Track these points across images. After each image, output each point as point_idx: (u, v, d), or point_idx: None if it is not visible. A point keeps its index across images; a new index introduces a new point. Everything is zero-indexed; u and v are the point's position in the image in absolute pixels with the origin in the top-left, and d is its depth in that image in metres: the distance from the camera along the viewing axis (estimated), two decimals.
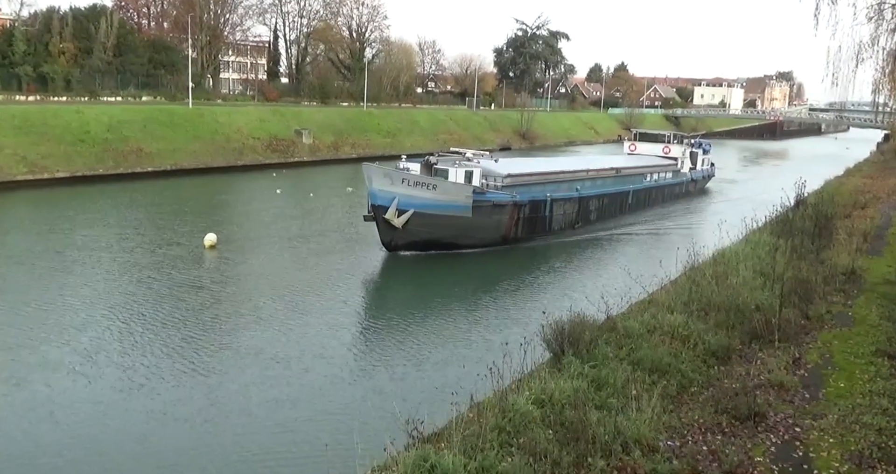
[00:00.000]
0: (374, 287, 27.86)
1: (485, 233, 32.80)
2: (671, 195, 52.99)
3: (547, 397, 11.74)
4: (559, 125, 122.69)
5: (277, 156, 67.10)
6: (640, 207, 47.32)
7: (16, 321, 21.34)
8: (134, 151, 56.33)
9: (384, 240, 30.81)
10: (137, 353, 19.12)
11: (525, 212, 34.91)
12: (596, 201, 41.55)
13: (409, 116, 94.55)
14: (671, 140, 56.80)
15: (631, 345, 14.48)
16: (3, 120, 50.87)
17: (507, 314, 23.97)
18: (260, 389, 17.26)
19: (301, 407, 16.38)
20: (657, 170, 51.11)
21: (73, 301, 23.50)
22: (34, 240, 32.78)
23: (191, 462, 13.91)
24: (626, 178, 46.03)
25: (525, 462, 9.77)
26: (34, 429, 14.97)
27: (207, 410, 16.02)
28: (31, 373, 17.61)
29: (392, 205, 29.65)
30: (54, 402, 16.17)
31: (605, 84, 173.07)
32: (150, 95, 76.42)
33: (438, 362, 19.27)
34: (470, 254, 32.36)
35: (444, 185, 30.89)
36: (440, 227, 30.90)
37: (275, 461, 13.80)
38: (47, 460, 13.85)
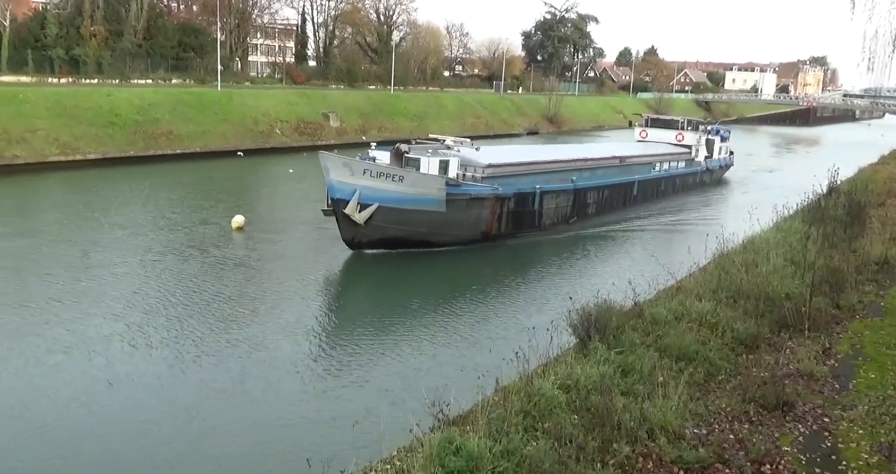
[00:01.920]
0: (404, 270, 27.84)
1: (462, 229, 29.61)
2: (683, 186, 49.45)
3: (573, 382, 11.76)
4: (587, 109, 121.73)
5: (305, 138, 67.34)
6: (648, 200, 43.79)
7: (65, 296, 21.87)
8: (164, 133, 56.85)
9: (346, 238, 27.82)
10: (179, 328, 19.69)
11: (510, 205, 31.46)
12: (595, 193, 38.01)
13: (436, 100, 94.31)
14: (685, 126, 52.89)
15: (658, 331, 14.43)
16: (37, 102, 51.59)
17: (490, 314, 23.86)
18: (287, 365, 17.54)
19: (330, 385, 16.57)
20: (668, 159, 47.44)
21: (112, 279, 23.94)
22: (70, 219, 33.36)
23: (231, 432, 14.25)
24: (630, 168, 42.27)
25: (550, 446, 9.81)
26: (94, 398, 15.52)
27: (244, 384, 16.42)
28: (87, 345, 18.22)
29: (353, 198, 26.64)
30: (112, 371, 16.81)
31: (635, 68, 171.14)
32: (179, 78, 77.00)
33: (464, 346, 19.34)
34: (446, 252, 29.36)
35: (412, 177, 27.66)
36: (409, 223, 27.91)
37: (304, 437, 13.98)
38: (109, 427, 14.41)
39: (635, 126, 57.01)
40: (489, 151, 34.62)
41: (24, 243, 28.25)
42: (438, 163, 29.14)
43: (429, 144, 32.07)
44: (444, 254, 29.02)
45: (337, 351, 18.77)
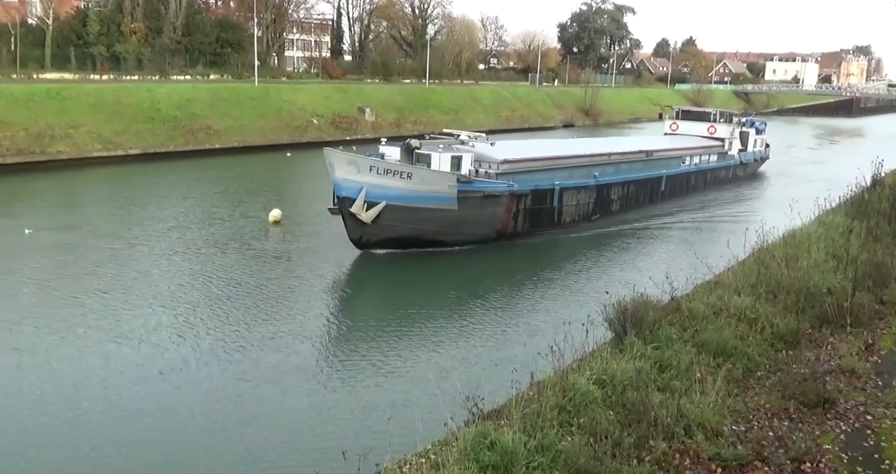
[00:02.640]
0: (433, 266, 27.90)
1: (475, 228, 28.59)
2: (715, 180, 47.69)
3: (608, 377, 11.68)
4: (624, 101, 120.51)
5: (341, 133, 67.71)
6: (676, 195, 42.15)
7: (113, 288, 22.48)
8: (202, 129, 57.61)
9: (352, 237, 26.90)
10: (222, 319, 20.23)
11: (526, 203, 30.39)
12: (619, 189, 36.53)
13: (471, 93, 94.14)
14: (717, 118, 51.13)
15: (696, 326, 14.26)
16: (79, 98, 52.63)
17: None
18: (325, 358, 17.83)
19: (366, 378, 16.72)
20: (698, 153, 45.54)
21: (157, 271, 24.52)
22: (114, 213, 34.21)
23: (271, 422, 14.55)
24: (658, 163, 40.38)
25: (585, 441, 9.76)
26: (145, 386, 16.05)
27: (284, 375, 16.75)
28: (137, 335, 18.80)
29: (359, 196, 25.76)
30: (160, 360, 17.37)
31: (672, 59, 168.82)
32: (217, 74, 77.92)
33: (497, 341, 19.34)
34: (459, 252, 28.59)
35: (421, 174, 26.70)
36: (419, 222, 26.93)
37: (340, 430, 14.14)
38: (158, 414, 14.90)
39: (665, 118, 55.34)
40: (505, 146, 33.40)
41: (70, 236, 28.95)
42: (450, 159, 28.11)
43: (442, 139, 31.33)
44: (464, 253, 28.33)
45: (372, 345, 18.89)
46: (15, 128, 46.71)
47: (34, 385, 15.94)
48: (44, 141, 47.40)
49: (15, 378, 16.25)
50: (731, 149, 49.96)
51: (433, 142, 30.13)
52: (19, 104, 48.81)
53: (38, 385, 15.94)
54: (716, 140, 48.85)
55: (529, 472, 9.14)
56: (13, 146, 45.74)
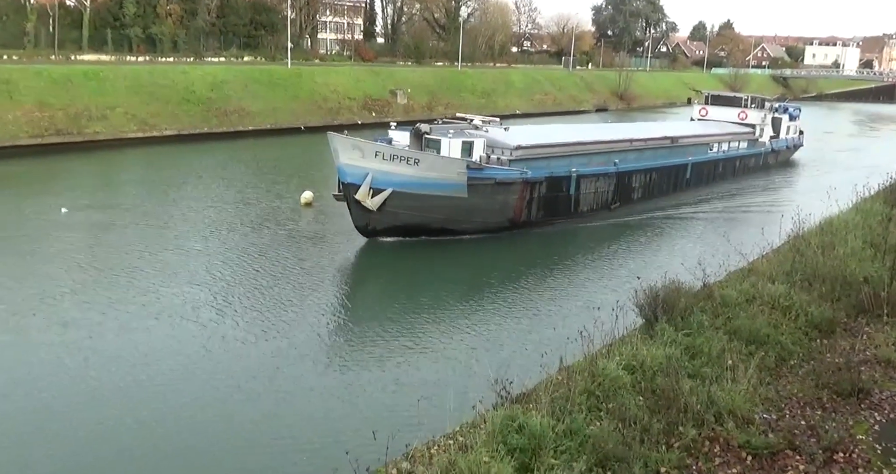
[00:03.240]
0: (459, 253, 27.90)
1: (486, 216, 27.65)
2: (744, 168, 46.08)
3: (638, 363, 11.64)
4: (658, 85, 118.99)
5: (372, 115, 67.83)
6: (703, 183, 40.71)
7: (151, 267, 22.89)
8: (236, 110, 58.04)
9: (358, 225, 26.14)
10: (259, 297, 20.58)
11: (541, 190, 29.29)
12: (641, 177, 35.20)
13: (504, 76, 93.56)
14: (748, 104, 48.94)
15: (728, 313, 14.12)
16: (116, 80, 53.27)
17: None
18: (356, 339, 18.08)
19: (397, 360, 16.85)
20: (727, 139, 43.96)
21: (194, 250, 24.88)
22: (150, 193, 34.79)
23: (304, 399, 14.84)
24: (683, 149, 38.83)
25: (614, 427, 9.76)
26: (190, 361, 16.44)
27: (318, 353, 17.08)
28: (177, 312, 19.20)
29: (364, 183, 25.02)
30: (201, 336, 17.75)
31: (709, 43, 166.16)
32: (250, 56, 78.37)
33: (527, 326, 19.36)
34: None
35: (428, 160, 25.81)
36: (427, 210, 26.14)
37: (371, 410, 14.30)
38: (203, 387, 15.32)
39: (694, 104, 53.33)
40: (520, 132, 32.08)
41: (108, 215, 29.49)
42: (461, 145, 27.24)
43: (455, 124, 30.44)
44: (480, 242, 27.53)
45: (402, 326, 19.00)
46: (54, 109, 47.48)
47: (79, 359, 16.32)
48: (81, 121, 48.13)
49: (60, 352, 16.64)
50: (763, 136, 48.27)
51: (444, 127, 29.25)
52: (58, 85, 49.56)
53: (82, 359, 16.33)
54: (746, 126, 47.33)
55: (557, 456, 9.15)
56: (52, 126, 46.52)
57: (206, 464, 12.65)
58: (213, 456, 12.89)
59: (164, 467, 12.52)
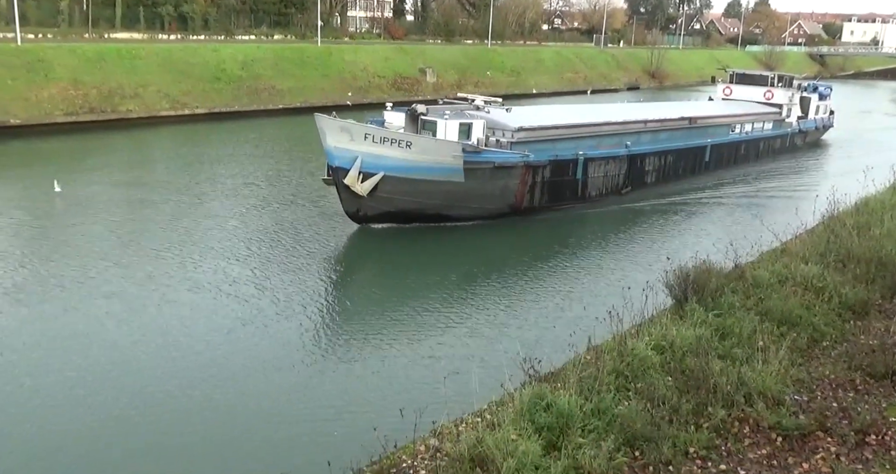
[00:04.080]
0: (485, 233, 27.86)
1: (485, 201, 26.44)
2: (769, 150, 44.29)
3: (667, 344, 11.59)
4: (691, 63, 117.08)
5: (402, 94, 67.59)
6: (723, 166, 39.27)
7: (188, 242, 23.31)
8: (266, 89, 58.24)
9: (348, 211, 24.99)
10: (293, 273, 20.91)
11: (545, 174, 27.95)
12: (655, 159, 33.73)
13: (534, 54, 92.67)
14: (775, 82, 46.95)
15: (759, 294, 13.99)
16: (149, 58, 53.67)
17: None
18: (384, 318, 18.22)
19: (424, 339, 16.95)
20: (751, 120, 42.23)
21: (230, 227, 25.17)
22: (183, 170, 35.26)
23: (334, 377, 14.98)
24: (703, 131, 37.34)
25: (642, 407, 9.74)
26: (230, 334, 16.82)
27: (348, 332, 17.29)
28: (217, 287, 19.59)
29: (353, 167, 23.85)
30: (241, 310, 18.15)
31: (744, 20, 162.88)
32: (281, 34, 78.39)
33: (557, 306, 19.33)
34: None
35: (421, 142, 24.61)
36: (421, 195, 24.93)
37: (398, 388, 14.44)
38: (242, 361, 15.67)
39: (718, 82, 50.98)
40: (523, 113, 30.62)
41: (143, 192, 29.96)
42: (458, 127, 26.06)
43: (456, 104, 29.28)
44: (484, 228, 26.50)
45: (430, 305, 19.06)
46: (87, 87, 48.01)
47: (124, 330, 16.77)
48: (115, 99, 48.63)
49: (106, 323, 17.11)
50: (790, 116, 46.59)
51: (441, 108, 28.00)
52: (91, 63, 50.05)
53: (127, 330, 16.76)
54: (772, 106, 45.64)
55: (585, 435, 9.16)
56: (86, 104, 47.07)
57: (236, 434, 12.87)
58: (244, 426, 13.12)
59: (199, 429, 12.93)
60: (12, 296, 18.57)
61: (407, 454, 9.43)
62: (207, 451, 12.42)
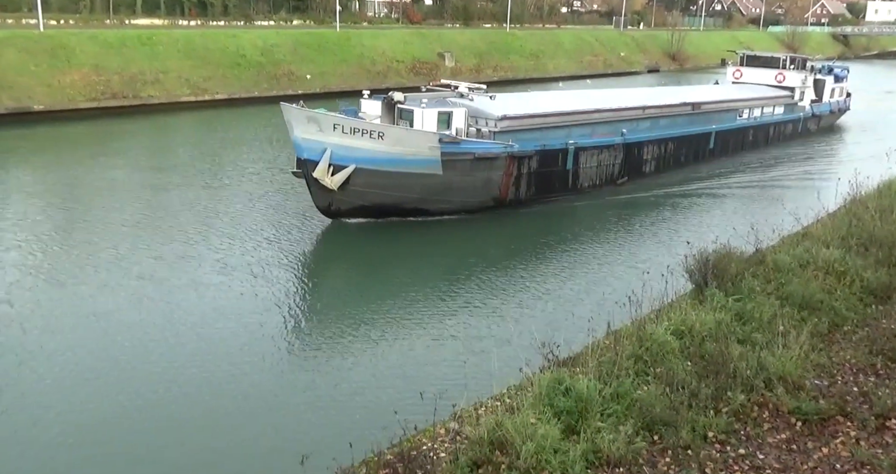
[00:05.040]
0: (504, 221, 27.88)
1: (467, 194, 25.19)
2: (780, 135, 42.80)
3: (687, 328, 11.59)
4: (713, 45, 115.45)
5: (420, 79, 67.37)
6: (729, 153, 37.79)
7: (216, 224, 23.81)
8: (286, 74, 58.32)
9: (319, 205, 23.90)
10: (318, 256, 21.69)
11: (531, 165, 26.65)
12: (654, 148, 32.27)
13: (553, 37, 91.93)
14: (787, 65, 45.10)
15: (780, 279, 13.92)
16: (170, 44, 53.90)
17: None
18: (405, 305, 18.27)
19: (444, 322, 17.15)
20: (760, 104, 40.56)
21: (258, 207, 25.68)
22: (205, 155, 35.74)
23: (357, 363, 15.12)
24: (707, 116, 35.76)
25: (661, 391, 9.78)
26: (262, 314, 17.05)
27: (372, 319, 17.42)
28: (248, 267, 20.10)
29: (323, 158, 22.77)
30: (270, 292, 18.59)
31: (766, 0, 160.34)
32: (300, 19, 78.29)
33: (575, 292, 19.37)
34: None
35: (395, 133, 23.48)
36: (397, 188, 23.77)
37: (418, 373, 14.59)
38: (270, 343, 16.07)
39: (728, 65, 49.02)
40: (508, 100, 28.95)
41: (165, 176, 30.40)
42: (437, 116, 24.73)
43: (438, 92, 28.04)
44: (475, 221, 25.58)
45: (448, 292, 19.17)
46: (109, 73, 48.34)
47: (162, 310, 17.27)
48: (136, 85, 48.93)
49: (143, 304, 17.56)
50: (803, 100, 44.96)
51: (419, 95, 26.79)
52: (113, 49, 50.34)
53: (164, 310, 17.25)
54: (784, 89, 43.98)
55: (604, 419, 9.23)
56: (108, 90, 47.42)
57: (259, 414, 13.09)
58: (267, 407, 13.37)
59: (223, 408, 13.28)
60: (51, 276, 19.07)
61: (427, 437, 9.54)
62: (231, 430, 12.65)
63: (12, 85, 43.48)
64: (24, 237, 22.05)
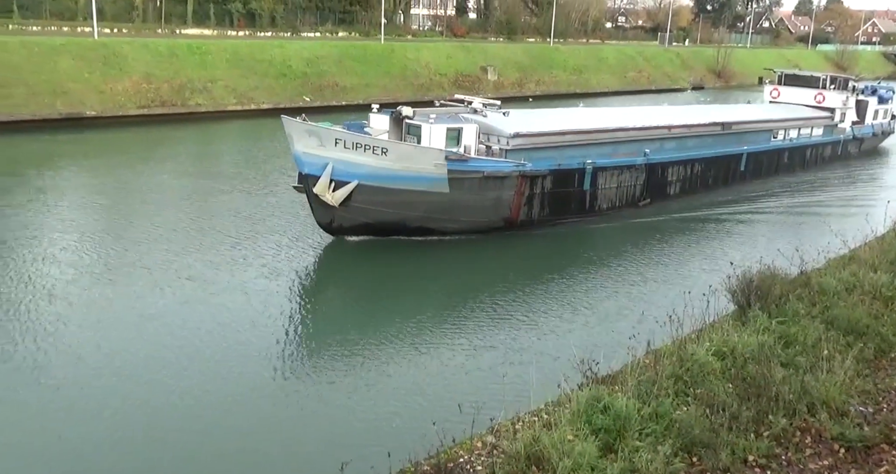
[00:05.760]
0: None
1: (475, 214, 24.29)
2: (817, 158, 41.17)
3: (728, 350, 11.49)
4: (759, 62, 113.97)
5: (462, 92, 67.66)
6: (762, 175, 36.32)
7: (262, 229, 24.32)
8: (330, 85, 59.11)
9: (321, 221, 23.24)
10: (362, 264, 22.21)
11: (544, 185, 25.64)
12: (679, 169, 31.09)
13: (597, 53, 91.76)
14: (828, 84, 43.12)
15: (825, 302, 13.72)
16: (218, 54, 55.06)
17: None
18: (443, 319, 18.40)
19: (484, 337, 17.14)
20: (797, 125, 39.00)
21: (301, 217, 25.84)
22: (250, 162, 36.45)
23: (398, 373, 15.26)
24: (738, 137, 34.38)
25: (701, 412, 9.70)
26: (297, 317, 17.04)
27: (414, 331, 17.50)
28: (293, 273, 20.81)
29: (324, 174, 22.15)
30: (315, 298, 19.51)
31: (815, 17, 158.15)
32: (345, 31, 79.40)
33: (614, 309, 19.26)
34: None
35: (399, 149, 22.67)
36: (401, 206, 23.05)
37: (456, 386, 14.61)
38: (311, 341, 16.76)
39: (765, 84, 47.17)
40: (522, 117, 28.04)
41: (212, 182, 31.17)
42: (445, 132, 23.87)
43: (452, 106, 27.05)
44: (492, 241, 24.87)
45: (489, 306, 19.17)
46: (160, 82, 49.52)
47: (210, 312, 17.78)
48: (185, 94, 50.05)
49: (191, 306, 18.08)
50: (844, 121, 43.01)
51: (428, 110, 25.63)
52: (163, 58, 51.59)
53: (212, 313, 17.75)
54: (823, 110, 42.24)
55: (642, 438, 9.18)
56: (157, 98, 48.57)
57: (301, 421, 13.28)
58: (309, 415, 13.57)
59: (265, 414, 13.48)
60: (104, 276, 19.71)
61: (464, 449, 9.58)
62: (273, 435, 12.81)
63: (67, 91, 44.80)
64: (79, 237, 22.81)
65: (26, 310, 17.26)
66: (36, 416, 13.07)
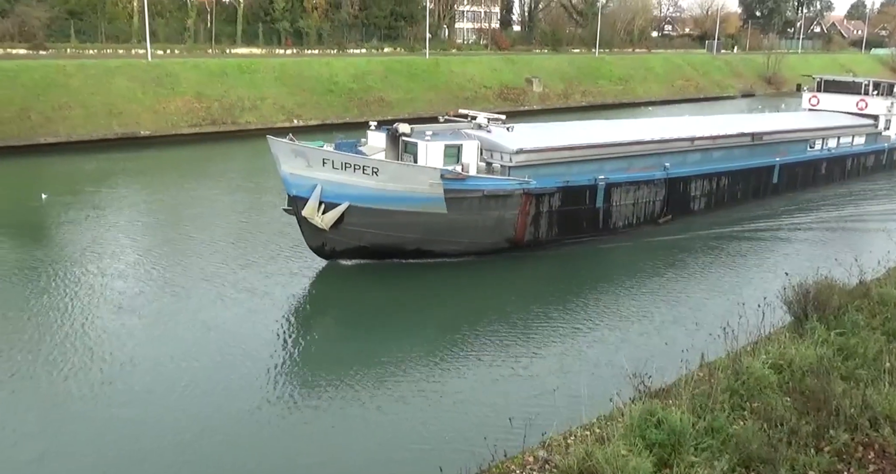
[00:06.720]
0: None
1: (476, 234, 23.03)
2: (859, 168, 38.69)
3: (785, 362, 11.26)
4: (811, 68, 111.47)
5: (508, 104, 67.83)
6: (797, 188, 34.08)
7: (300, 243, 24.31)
8: (376, 101, 59.74)
9: (312, 245, 22.25)
10: (405, 278, 22.14)
11: (552, 203, 24.21)
12: (703, 183, 29.13)
13: (643, 62, 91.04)
14: (870, 90, 40.75)
15: (886, 313, 13.35)
16: (266, 72, 56.13)
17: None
18: (497, 332, 18.30)
19: (533, 350, 17.05)
20: (836, 134, 36.96)
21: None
22: None
23: (450, 387, 15.27)
24: (769, 148, 32.40)
25: (759, 427, 9.50)
26: (320, 325, 17.32)
27: (461, 345, 17.46)
28: (337, 284, 21.70)
29: (313, 196, 21.12)
30: (341, 312, 19.94)
31: (869, 21, 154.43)
32: (390, 47, 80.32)
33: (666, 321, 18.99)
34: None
35: (390, 169, 21.47)
36: (396, 228, 21.93)
37: (509, 398, 14.51)
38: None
39: (804, 90, 45.03)
40: (527, 132, 26.49)
41: (261, 198, 31.79)
42: (443, 149, 22.76)
43: (456, 122, 26.10)
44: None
45: (538, 319, 19.07)
46: (210, 100, 50.69)
47: (266, 323, 18.26)
48: (234, 112, 51.11)
49: (252, 317, 18.57)
50: (888, 129, 40.66)
51: (426, 127, 24.70)
52: (214, 78, 52.81)
53: (269, 323, 18.25)
54: (866, 117, 39.97)
55: (698, 453, 9.03)
56: (208, 116, 49.71)
57: (356, 433, 13.35)
58: (364, 427, 13.64)
59: (319, 423, 13.73)
60: (169, 288, 20.32)
61: (516, 464, 9.53)
62: (326, 444, 12.98)
63: (122, 111, 46.14)
64: (142, 252, 23.57)
65: (101, 324, 17.88)
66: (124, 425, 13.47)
